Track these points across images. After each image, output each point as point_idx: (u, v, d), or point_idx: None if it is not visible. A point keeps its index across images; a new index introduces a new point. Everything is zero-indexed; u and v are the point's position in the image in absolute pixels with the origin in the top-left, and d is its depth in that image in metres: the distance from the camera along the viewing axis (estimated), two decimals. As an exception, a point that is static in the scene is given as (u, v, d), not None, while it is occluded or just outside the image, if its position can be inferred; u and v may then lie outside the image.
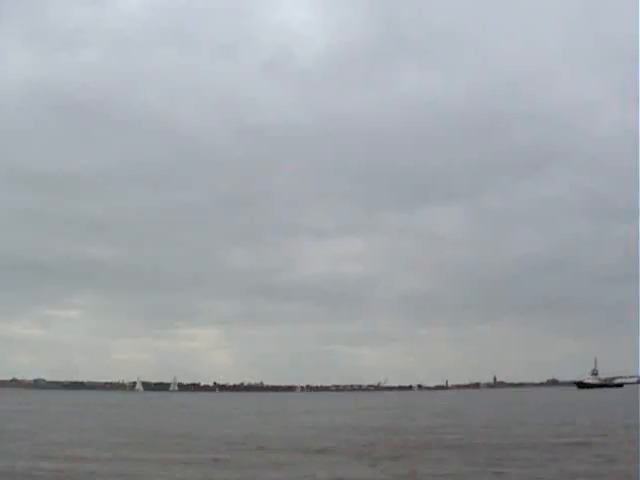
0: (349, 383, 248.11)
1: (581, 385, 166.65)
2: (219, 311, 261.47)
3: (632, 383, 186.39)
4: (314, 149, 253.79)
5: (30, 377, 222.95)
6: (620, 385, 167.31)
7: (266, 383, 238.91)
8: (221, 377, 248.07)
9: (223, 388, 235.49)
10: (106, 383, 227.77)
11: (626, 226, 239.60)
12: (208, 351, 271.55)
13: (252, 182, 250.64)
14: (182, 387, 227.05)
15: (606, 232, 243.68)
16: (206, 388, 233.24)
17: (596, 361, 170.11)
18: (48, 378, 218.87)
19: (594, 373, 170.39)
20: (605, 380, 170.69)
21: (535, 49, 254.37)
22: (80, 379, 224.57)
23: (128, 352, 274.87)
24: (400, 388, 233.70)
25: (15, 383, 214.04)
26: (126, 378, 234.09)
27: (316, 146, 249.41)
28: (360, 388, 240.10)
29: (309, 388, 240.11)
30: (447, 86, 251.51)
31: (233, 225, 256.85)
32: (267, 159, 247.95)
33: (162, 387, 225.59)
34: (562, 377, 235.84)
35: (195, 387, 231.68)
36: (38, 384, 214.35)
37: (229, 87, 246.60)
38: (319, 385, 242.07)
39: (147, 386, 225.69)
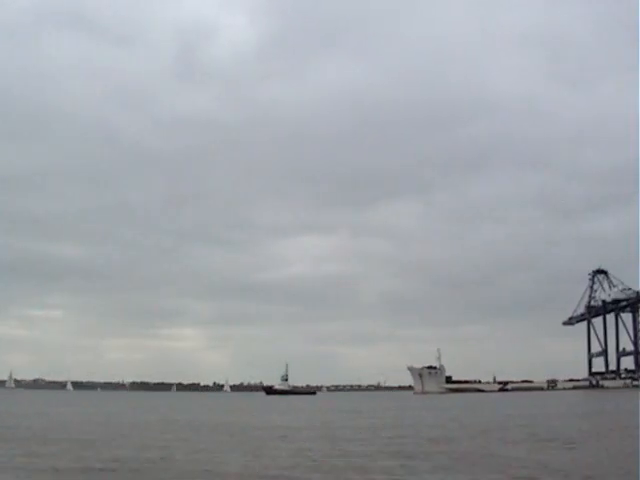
0: (348, 383, 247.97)
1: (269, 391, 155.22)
2: (198, 312, 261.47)
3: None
4: (243, 147, 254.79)
5: (28, 377, 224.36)
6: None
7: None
8: (220, 377, 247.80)
9: (222, 388, 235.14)
10: (106, 383, 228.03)
11: (587, 225, 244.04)
12: (198, 352, 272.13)
13: (190, 180, 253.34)
14: (181, 387, 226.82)
15: (567, 229, 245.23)
16: (206, 388, 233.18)
17: (287, 366, 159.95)
18: (47, 378, 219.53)
19: (284, 379, 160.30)
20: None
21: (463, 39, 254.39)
22: (76, 379, 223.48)
23: (119, 352, 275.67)
24: (400, 388, 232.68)
25: (15, 383, 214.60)
26: (121, 378, 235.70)
27: (244, 144, 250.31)
28: (360, 388, 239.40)
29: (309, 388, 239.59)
30: (375, 78, 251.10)
31: (186, 224, 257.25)
32: (198, 156, 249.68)
33: (162, 387, 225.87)
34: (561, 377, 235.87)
35: (194, 387, 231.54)
36: (37, 384, 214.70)
37: (142, 83, 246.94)
38: (319, 385, 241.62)
39: (146, 386, 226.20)
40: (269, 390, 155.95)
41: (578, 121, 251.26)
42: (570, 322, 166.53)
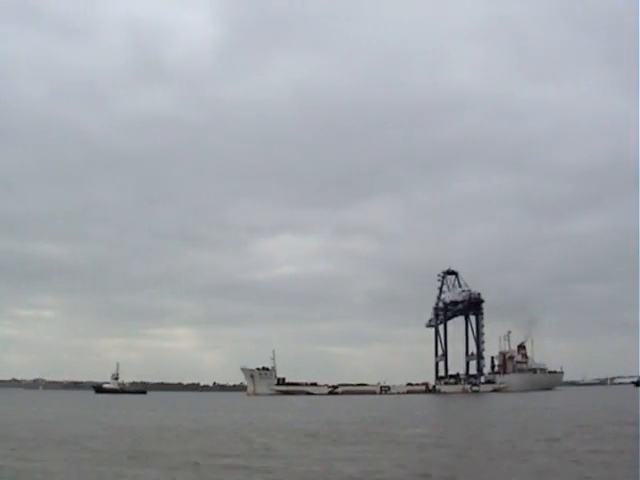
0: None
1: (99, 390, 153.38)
2: (186, 312, 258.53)
3: (626, 383, 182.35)
4: (211, 146, 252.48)
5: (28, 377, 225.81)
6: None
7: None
8: (219, 377, 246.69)
9: (224, 388, 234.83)
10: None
11: (566, 225, 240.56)
12: (193, 351, 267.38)
13: (162, 180, 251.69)
14: (181, 387, 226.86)
15: (548, 230, 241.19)
16: (206, 388, 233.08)
17: (118, 365, 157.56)
18: (47, 378, 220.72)
19: (114, 377, 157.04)
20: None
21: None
22: (74, 379, 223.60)
23: (113, 352, 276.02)
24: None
25: (15, 383, 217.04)
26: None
27: (212, 143, 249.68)
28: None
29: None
30: (339, 76, 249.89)
31: (163, 224, 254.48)
32: (166, 156, 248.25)
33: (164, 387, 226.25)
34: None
35: (194, 387, 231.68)
36: (37, 384, 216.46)
37: (99, 80, 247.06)
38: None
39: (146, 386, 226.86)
40: (99, 389, 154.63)
41: (550, 118, 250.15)
42: (430, 324, 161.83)
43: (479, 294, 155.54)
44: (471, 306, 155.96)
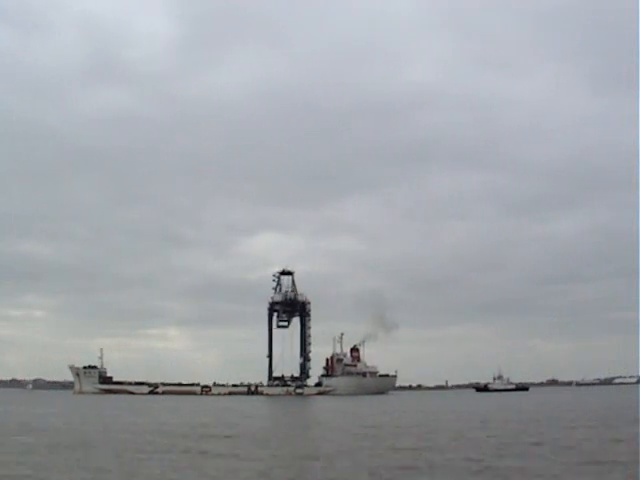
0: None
1: None
2: (176, 312, 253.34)
3: (631, 383, 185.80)
4: (179, 144, 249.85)
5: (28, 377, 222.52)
6: None
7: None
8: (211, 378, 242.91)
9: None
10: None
11: (548, 225, 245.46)
12: (181, 352, 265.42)
13: (133, 180, 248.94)
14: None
15: (527, 230, 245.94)
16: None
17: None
18: (47, 378, 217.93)
19: None
20: None
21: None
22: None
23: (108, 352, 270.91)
24: (400, 388, 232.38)
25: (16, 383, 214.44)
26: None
27: (179, 141, 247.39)
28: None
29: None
30: (299, 71, 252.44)
31: (144, 224, 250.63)
32: (135, 155, 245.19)
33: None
34: (561, 377, 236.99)
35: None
36: (37, 384, 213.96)
37: (57, 77, 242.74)
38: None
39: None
40: None
41: (519, 114, 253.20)
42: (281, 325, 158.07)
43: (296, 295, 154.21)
44: (298, 308, 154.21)
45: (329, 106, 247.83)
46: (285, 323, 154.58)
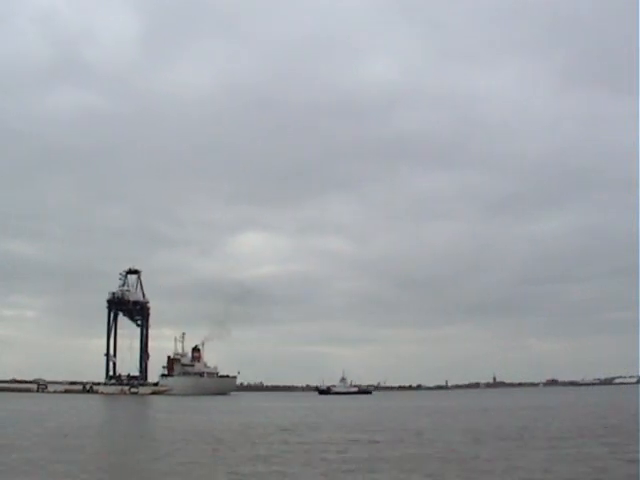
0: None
1: None
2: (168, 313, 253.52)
3: (631, 383, 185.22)
4: (151, 142, 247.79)
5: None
6: None
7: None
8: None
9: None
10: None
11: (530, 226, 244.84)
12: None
13: (106, 179, 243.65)
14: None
15: (509, 229, 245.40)
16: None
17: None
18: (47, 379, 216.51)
19: None
20: None
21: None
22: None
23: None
24: (400, 388, 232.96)
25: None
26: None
27: (148, 138, 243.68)
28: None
29: (309, 388, 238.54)
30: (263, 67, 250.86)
31: (122, 223, 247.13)
32: (106, 153, 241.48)
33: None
34: (561, 377, 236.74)
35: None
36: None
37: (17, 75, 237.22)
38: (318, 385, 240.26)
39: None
40: None
41: (490, 111, 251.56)
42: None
43: (139, 295, 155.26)
44: (138, 308, 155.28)
45: (295, 101, 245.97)
46: (134, 323, 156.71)
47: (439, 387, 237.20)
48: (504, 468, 20.79)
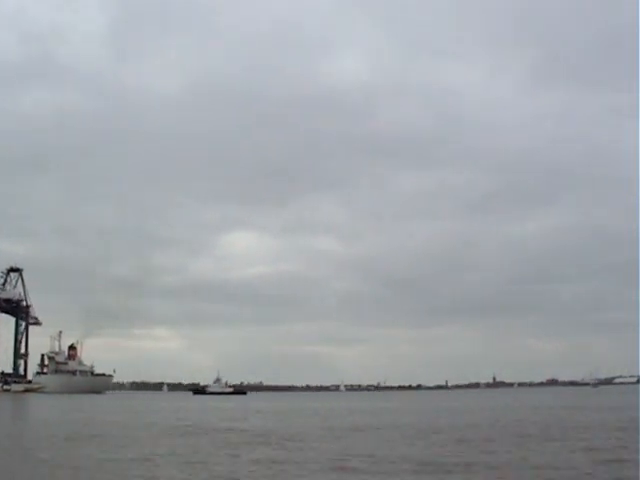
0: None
1: None
2: (162, 313, 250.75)
3: (631, 383, 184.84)
4: (127, 140, 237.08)
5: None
6: None
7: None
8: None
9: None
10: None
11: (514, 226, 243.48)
12: (170, 352, 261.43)
13: (91, 179, 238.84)
14: (170, 387, 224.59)
15: (492, 228, 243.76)
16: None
17: None
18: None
19: None
20: None
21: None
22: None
23: (100, 353, 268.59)
24: (400, 388, 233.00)
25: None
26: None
27: (129, 137, 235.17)
28: (360, 388, 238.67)
29: (309, 388, 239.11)
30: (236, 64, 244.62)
31: (113, 223, 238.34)
32: (88, 152, 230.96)
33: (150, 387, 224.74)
34: (561, 377, 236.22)
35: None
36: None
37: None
38: (319, 385, 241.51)
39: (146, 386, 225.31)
40: None
41: (462, 106, 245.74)
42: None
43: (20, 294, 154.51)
44: (15, 306, 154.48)
45: (275, 95, 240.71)
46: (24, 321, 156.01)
47: (439, 387, 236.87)
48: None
